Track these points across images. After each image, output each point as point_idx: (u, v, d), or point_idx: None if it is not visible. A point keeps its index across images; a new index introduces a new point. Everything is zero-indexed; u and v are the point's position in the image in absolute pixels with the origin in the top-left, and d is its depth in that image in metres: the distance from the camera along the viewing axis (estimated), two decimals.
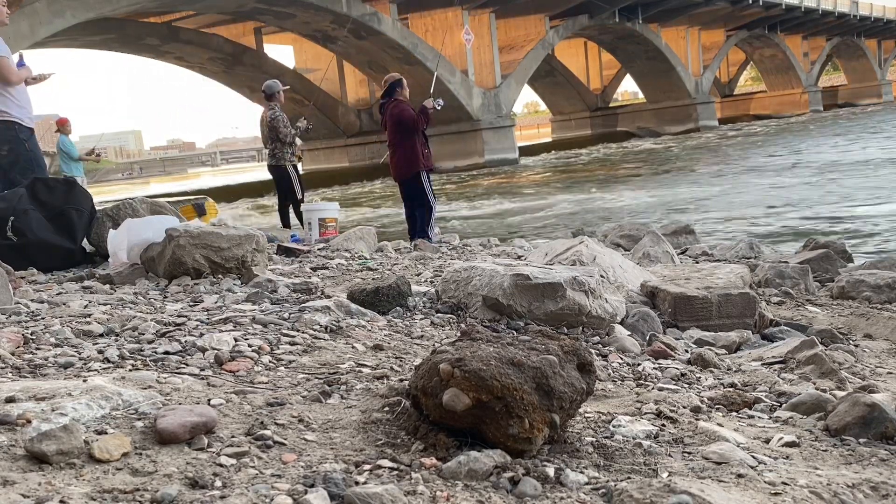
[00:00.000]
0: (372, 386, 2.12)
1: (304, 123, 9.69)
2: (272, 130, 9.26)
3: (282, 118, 9.25)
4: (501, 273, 3.21)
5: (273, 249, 5.38)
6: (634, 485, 1.52)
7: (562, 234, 9.96)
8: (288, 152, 9.36)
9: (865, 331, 3.68)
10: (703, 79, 54.32)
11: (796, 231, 11.46)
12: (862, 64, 74.54)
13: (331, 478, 1.47)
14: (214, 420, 1.68)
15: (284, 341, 2.50)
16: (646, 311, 3.39)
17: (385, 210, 19.86)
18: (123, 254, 4.13)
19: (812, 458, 1.84)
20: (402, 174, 8.16)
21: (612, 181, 23.26)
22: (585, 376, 1.81)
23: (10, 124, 5.61)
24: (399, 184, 8.34)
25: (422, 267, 4.92)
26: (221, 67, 38.03)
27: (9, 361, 2.15)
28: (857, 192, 15.04)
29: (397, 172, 8.22)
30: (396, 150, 8.11)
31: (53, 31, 23.05)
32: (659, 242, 5.54)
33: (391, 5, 32.80)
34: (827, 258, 5.34)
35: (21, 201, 4.66)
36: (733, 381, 2.58)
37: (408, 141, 7.99)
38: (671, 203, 16.52)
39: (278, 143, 9.28)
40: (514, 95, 38.56)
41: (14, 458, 1.47)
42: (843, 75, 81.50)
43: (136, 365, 2.19)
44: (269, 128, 9.29)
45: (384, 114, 8.16)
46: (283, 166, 9.39)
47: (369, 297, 3.18)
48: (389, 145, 8.22)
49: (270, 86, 9.47)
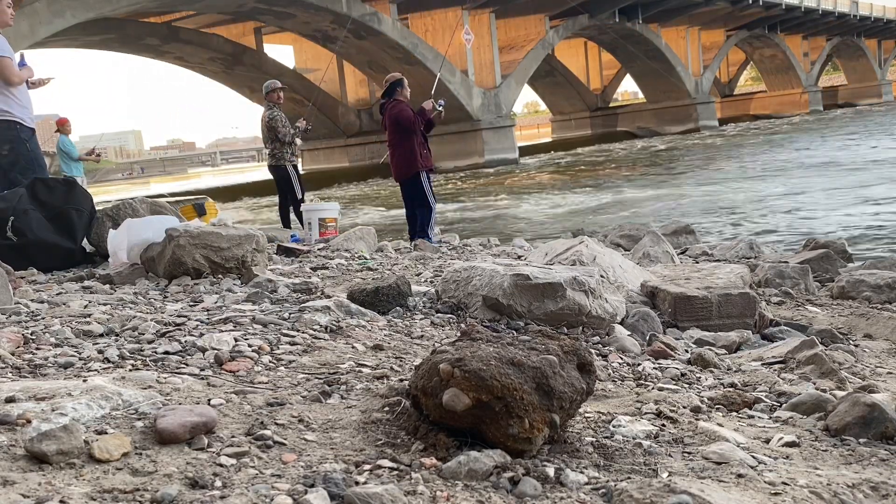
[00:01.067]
0: (372, 386, 2.12)
1: (302, 124, 9.69)
2: (270, 130, 9.29)
3: (280, 118, 9.26)
4: (501, 273, 3.21)
5: (273, 249, 5.38)
6: (634, 485, 1.52)
7: (562, 234, 9.96)
8: (288, 152, 9.37)
9: (865, 331, 3.68)
10: (703, 79, 54.33)
11: (796, 231, 11.46)
12: (862, 64, 74.56)
13: (331, 478, 1.47)
14: (214, 420, 1.68)
15: (284, 341, 2.50)
16: (646, 311, 3.39)
17: (384, 210, 19.86)
18: (123, 254, 4.13)
19: (812, 458, 1.84)
20: (402, 174, 8.17)
21: (612, 181, 23.26)
22: (585, 376, 1.81)
23: (11, 124, 5.61)
24: (399, 184, 8.35)
25: (422, 267, 4.92)
26: (221, 67, 38.04)
27: (9, 361, 2.15)
28: (857, 192, 15.04)
29: (397, 172, 8.23)
30: (396, 151, 8.12)
31: (53, 31, 23.07)
32: (659, 242, 5.54)
33: (391, 5, 32.81)
34: (827, 258, 5.34)
35: (21, 201, 4.66)
36: (733, 381, 2.57)
37: (407, 141, 7.99)
38: (671, 203, 16.52)
39: (277, 142, 9.30)
40: (514, 95, 38.58)
41: (14, 458, 1.47)
42: (843, 75, 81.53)
43: (136, 365, 2.19)
44: (268, 128, 9.32)
45: (384, 114, 8.17)
46: (283, 166, 9.40)
47: (369, 297, 3.18)
48: (389, 145, 8.23)
49: (266, 85, 9.51)
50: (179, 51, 36.37)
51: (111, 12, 25.90)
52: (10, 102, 5.61)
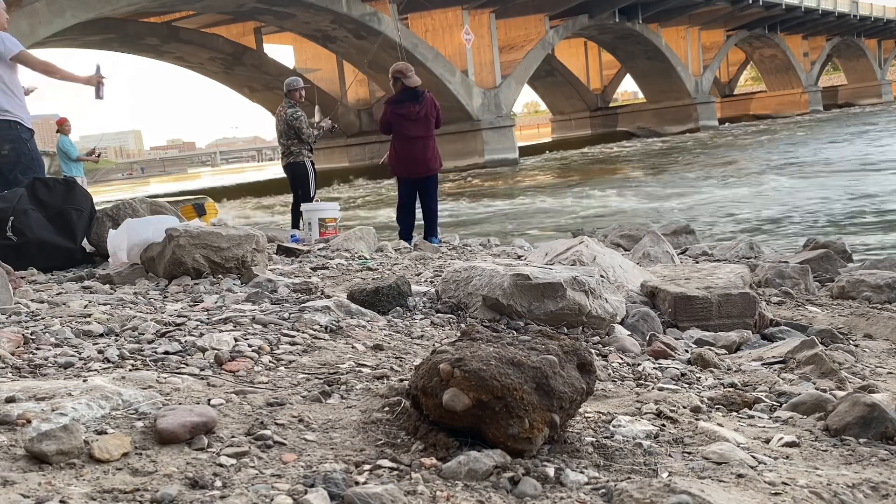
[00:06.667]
0: (372, 386, 2.11)
1: (327, 123, 9.48)
2: (291, 129, 9.15)
3: (303, 118, 9.12)
4: (501, 273, 3.21)
5: (273, 249, 5.38)
6: (634, 485, 1.52)
7: (562, 234, 9.95)
8: (305, 149, 9.26)
9: (865, 331, 3.68)
10: (703, 79, 54.35)
11: (796, 231, 11.46)
12: (862, 64, 74.59)
13: (331, 478, 1.47)
14: (214, 420, 1.68)
15: (284, 341, 2.50)
16: (646, 311, 3.39)
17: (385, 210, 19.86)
18: (123, 254, 4.13)
19: (812, 458, 1.84)
20: (435, 168, 7.93)
21: (612, 181, 23.26)
22: (585, 376, 1.81)
23: (12, 124, 5.62)
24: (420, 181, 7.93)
25: (422, 267, 4.92)
26: (221, 67, 38.05)
27: (9, 361, 2.15)
28: (857, 192, 15.03)
29: (432, 166, 7.88)
30: (430, 143, 7.80)
31: (53, 31, 23.07)
32: (659, 242, 5.53)
33: (391, 5, 32.81)
34: (827, 258, 5.34)
35: (21, 201, 4.66)
36: (733, 381, 2.57)
37: (434, 136, 7.85)
38: (671, 202, 16.52)
39: (295, 139, 9.16)
40: (514, 95, 38.58)
41: (14, 458, 1.47)
42: (843, 75, 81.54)
43: (136, 365, 2.19)
44: (288, 126, 9.16)
45: (421, 102, 7.67)
46: (301, 162, 9.21)
47: (369, 297, 3.18)
48: (417, 139, 7.73)
49: (289, 83, 9.35)
50: (179, 51, 36.37)
51: (111, 12, 25.91)
52: (13, 102, 5.62)
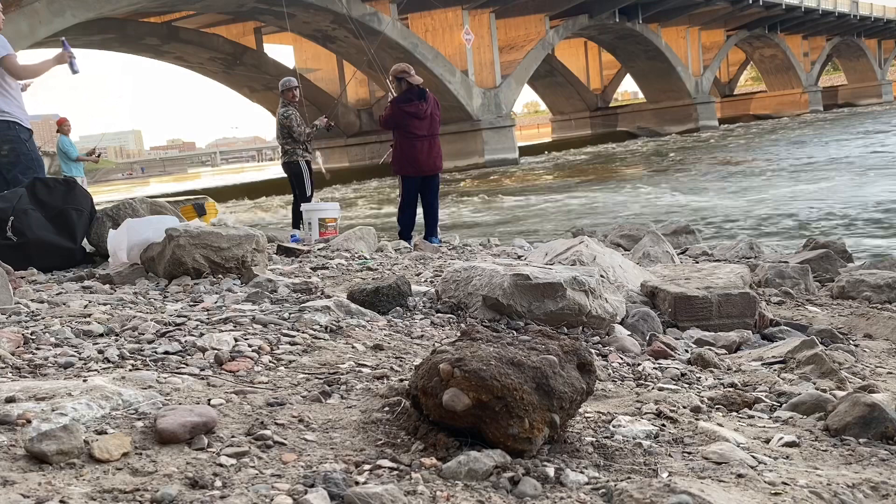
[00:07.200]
0: (372, 386, 2.11)
1: (323, 122, 9.60)
2: (285, 129, 9.24)
3: (294, 117, 9.21)
4: (501, 273, 3.21)
5: (273, 249, 5.38)
6: (634, 485, 1.52)
7: (562, 234, 9.95)
8: (301, 148, 9.31)
9: (865, 331, 3.68)
10: (703, 79, 54.34)
11: (796, 231, 11.46)
12: (862, 64, 74.58)
13: (331, 478, 1.47)
14: (214, 420, 1.68)
15: (284, 341, 2.50)
16: (646, 311, 3.39)
17: (384, 210, 19.86)
18: (123, 254, 4.13)
19: (812, 458, 1.84)
20: (439, 166, 8.18)
21: (612, 181, 23.27)
22: (585, 376, 1.81)
23: (11, 124, 5.62)
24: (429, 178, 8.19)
25: (422, 267, 4.92)
26: (221, 67, 38.04)
27: (9, 361, 2.15)
28: (857, 192, 15.03)
29: (438, 164, 8.16)
30: (436, 142, 8.08)
31: (53, 31, 23.03)
32: (659, 242, 5.53)
33: (391, 5, 32.81)
34: (827, 258, 5.34)
35: (21, 201, 4.66)
36: (733, 381, 2.57)
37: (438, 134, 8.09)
38: (671, 202, 16.52)
39: (291, 139, 9.25)
40: (514, 95, 38.58)
41: (14, 458, 1.47)
42: (843, 75, 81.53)
43: (136, 365, 2.19)
44: (281, 126, 9.28)
45: (426, 101, 7.96)
46: (295, 162, 9.33)
47: (369, 297, 3.18)
48: (424, 138, 7.98)
49: (282, 83, 9.44)
50: (179, 51, 36.36)
51: (111, 12, 25.90)
52: (11, 103, 5.62)
